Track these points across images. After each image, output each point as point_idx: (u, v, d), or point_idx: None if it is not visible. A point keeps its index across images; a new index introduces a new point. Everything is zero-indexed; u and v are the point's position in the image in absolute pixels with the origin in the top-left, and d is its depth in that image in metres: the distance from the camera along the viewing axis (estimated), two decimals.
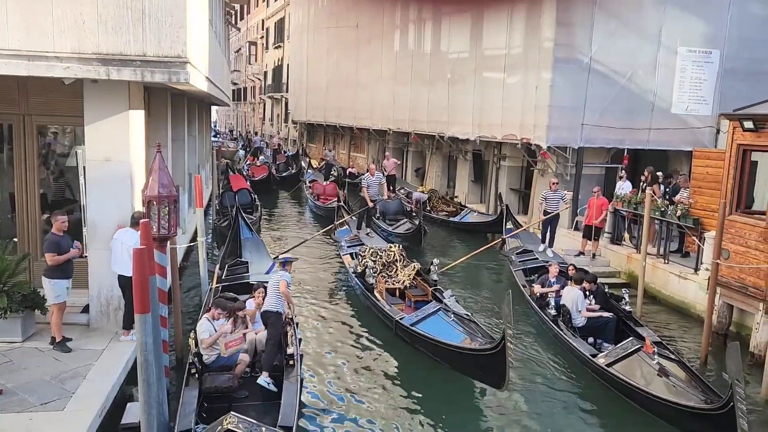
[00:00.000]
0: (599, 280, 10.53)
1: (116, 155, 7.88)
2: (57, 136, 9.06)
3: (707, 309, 9.36)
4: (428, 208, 18.96)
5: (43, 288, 7.49)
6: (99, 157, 7.87)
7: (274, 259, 10.52)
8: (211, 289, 9.74)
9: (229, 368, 7.05)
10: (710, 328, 9.35)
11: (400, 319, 9.16)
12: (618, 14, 15.35)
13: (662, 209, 12.05)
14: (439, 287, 10.36)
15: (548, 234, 13.51)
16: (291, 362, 7.15)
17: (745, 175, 9.59)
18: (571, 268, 10.49)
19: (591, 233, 13.37)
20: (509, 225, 14.97)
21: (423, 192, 20.50)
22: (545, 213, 13.54)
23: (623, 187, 13.84)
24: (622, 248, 13.37)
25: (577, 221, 15.22)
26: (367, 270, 10.79)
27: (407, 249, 12.47)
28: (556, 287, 10.23)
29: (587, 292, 9.42)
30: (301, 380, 7.06)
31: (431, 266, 10.87)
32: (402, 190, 21.21)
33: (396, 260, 11.51)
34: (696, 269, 11.30)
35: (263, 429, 5.65)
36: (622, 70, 15.52)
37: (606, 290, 9.94)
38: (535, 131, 15.85)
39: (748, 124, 9.18)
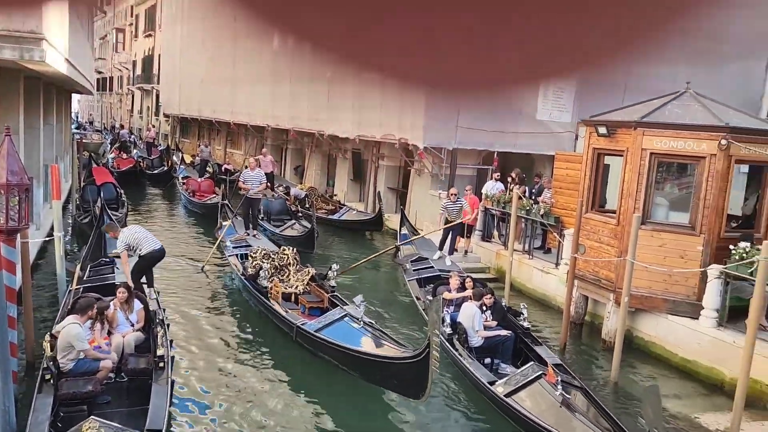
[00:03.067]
0: (472, 276, 10.92)
1: None
2: None
3: (566, 300, 10.08)
4: (307, 206, 18.80)
5: None
6: None
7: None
8: (70, 291, 8.98)
9: (92, 374, 6.54)
10: (569, 318, 10.08)
11: (302, 324, 8.63)
12: None
13: (527, 208, 12.83)
14: (337, 294, 9.90)
15: (448, 242, 13.14)
16: (161, 364, 6.78)
17: (599, 176, 10.44)
18: (468, 280, 9.88)
19: (463, 231, 13.93)
20: (404, 231, 14.25)
21: (302, 189, 20.33)
22: (446, 222, 13.16)
23: (495, 186, 14.56)
24: (492, 245, 14.07)
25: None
26: (261, 272, 10.22)
27: (299, 253, 11.69)
28: (468, 293, 9.34)
29: (484, 307, 8.73)
30: (172, 383, 6.71)
31: (329, 272, 10.30)
32: (280, 187, 20.89)
33: (289, 264, 10.92)
34: (557, 264, 12.13)
35: None
36: None
37: (504, 304, 9.24)
38: (413, 132, 16.27)
39: (602, 130, 10.00)
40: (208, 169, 25.55)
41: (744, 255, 8.41)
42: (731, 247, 8.71)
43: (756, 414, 7.57)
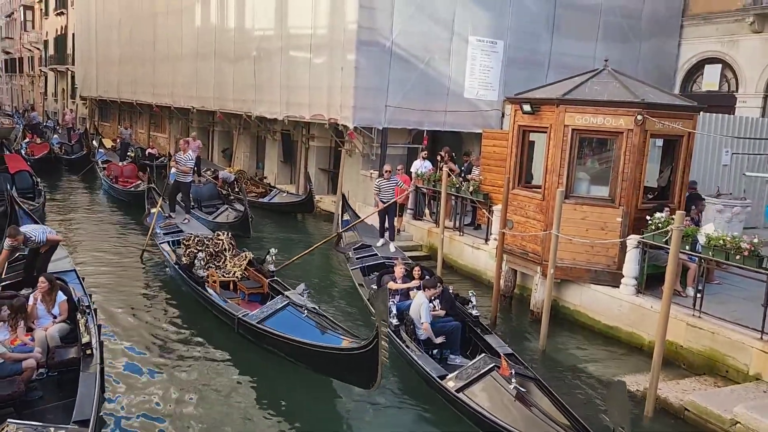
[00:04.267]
0: (405, 254, 10.97)
1: None
2: None
3: (495, 274, 10.37)
4: (236, 189, 18.42)
5: None
6: None
7: None
8: None
9: (17, 375, 6.23)
10: (498, 292, 10.38)
11: (243, 316, 8.32)
12: (416, 0, 16.13)
13: (457, 186, 13.05)
14: (277, 279, 9.68)
15: (386, 226, 12.71)
16: (89, 351, 6.54)
17: (524, 153, 10.72)
18: (417, 269, 9.64)
19: (401, 210, 14.03)
20: (346, 217, 13.68)
21: (230, 173, 19.89)
22: (382, 203, 12.69)
23: (424, 165, 14.70)
24: (423, 223, 14.25)
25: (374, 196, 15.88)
26: (196, 262, 9.78)
27: (235, 238, 11.42)
28: (415, 283, 9.19)
29: (433, 296, 8.34)
30: (102, 370, 6.48)
31: (267, 256, 10.11)
32: (208, 171, 20.35)
33: (225, 249, 10.58)
34: (486, 240, 12.43)
35: (51, 429, 5.13)
36: (421, 54, 16.38)
37: (451, 292, 8.90)
38: (342, 112, 16.15)
39: (527, 107, 10.25)
40: (129, 153, 24.59)
41: (659, 225, 8.89)
42: (648, 217, 9.19)
43: (672, 373, 8.09)
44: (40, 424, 5.24)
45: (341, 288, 11.63)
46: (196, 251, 10.25)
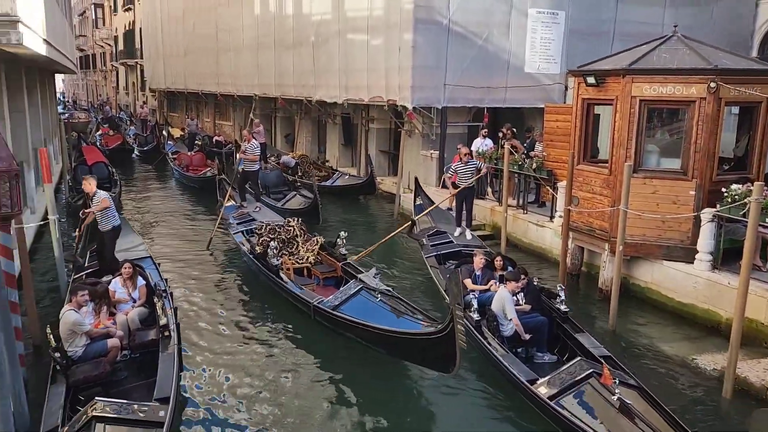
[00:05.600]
0: (484, 243, 10.27)
1: None
2: None
3: (561, 252, 10.17)
4: (299, 174, 18.73)
5: None
6: None
7: None
8: (74, 279, 9.02)
9: (102, 356, 6.64)
10: (565, 270, 10.19)
11: (318, 303, 8.30)
12: None
13: (520, 163, 12.82)
14: (350, 261, 9.65)
15: (464, 214, 11.83)
16: (166, 333, 6.88)
17: (589, 127, 10.40)
18: (498, 259, 9.05)
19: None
20: (419, 201, 12.98)
21: (293, 157, 20.24)
22: (455, 188, 11.84)
23: (485, 143, 14.51)
24: (486, 202, 14.09)
25: (444, 179, 15.80)
26: (269, 251, 9.79)
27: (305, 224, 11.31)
28: (493, 284, 8.39)
29: (517, 289, 7.70)
30: (179, 350, 6.80)
31: (338, 239, 10.07)
32: (272, 157, 20.77)
33: (296, 236, 10.56)
34: (551, 217, 12.19)
35: (135, 406, 5.45)
36: (479, 30, 16.10)
37: (537, 284, 8.28)
38: (401, 92, 16.11)
39: (591, 80, 9.93)
40: (197, 142, 25.39)
41: (736, 197, 8.47)
42: (723, 189, 8.76)
43: (752, 352, 7.72)
44: (125, 401, 5.58)
45: (414, 275, 11.13)
46: (268, 240, 10.32)
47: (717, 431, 6.43)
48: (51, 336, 6.46)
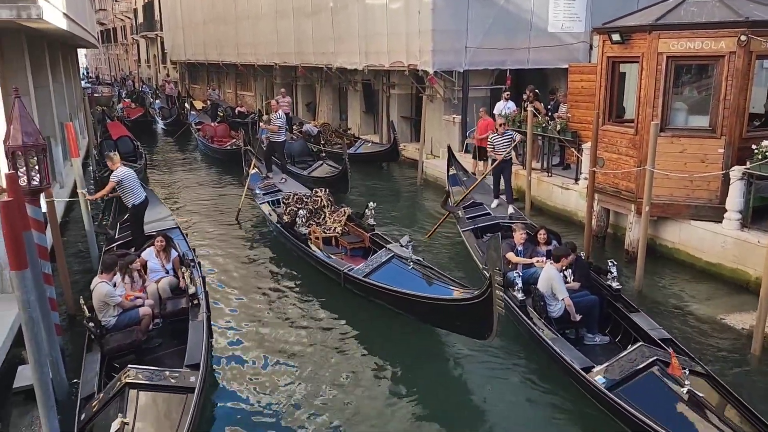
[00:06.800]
0: (524, 215, 9.78)
1: None
2: None
3: (587, 214, 10.07)
4: (322, 142, 18.72)
5: None
6: None
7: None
8: (106, 251, 9.23)
9: (135, 325, 6.83)
10: (590, 232, 10.09)
11: (349, 270, 8.29)
12: None
13: (543, 125, 12.63)
14: (378, 232, 9.60)
15: (502, 186, 11.25)
16: (195, 302, 7.04)
17: (615, 86, 10.17)
18: (541, 232, 8.33)
19: (479, 154, 13.81)
20: (452, 171, 12.38)
21: (315, 126, 20.21)
22: (494, 161, 11.24)
23: (507, 106, 14.30)
24: None
25: (467, 144, 15.68)
26: (297, 219, 9.83)
27: (332, 194, 11.24)
28: (540, 259, 7.83)
29: (564, 266, 7.15)
30: (208, 317, 6.97)
31: (366, 210, 10.00)
32: (295, 126, 20.75)
33: (324, 206, 10.58)
34: (576, 179, 12.04)
35: (166, 373, 5.61)
36: None
37: (586, 259, 7.79)
38: (421, 57, 15.91)
39: (616, 37, 9.66)
40: (219, 112, 25.50)
41: (767, 153, 8.26)
42: (753, 146, 8.54)
43: None
44: (157, 368, 5.75)
45: (452, 251, 10.64)
46: (296, 209, 10.39)
47: None
48: (85, 306, 6.65)
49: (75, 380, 6.33)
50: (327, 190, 11.20)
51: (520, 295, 7.15)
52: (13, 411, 5.89)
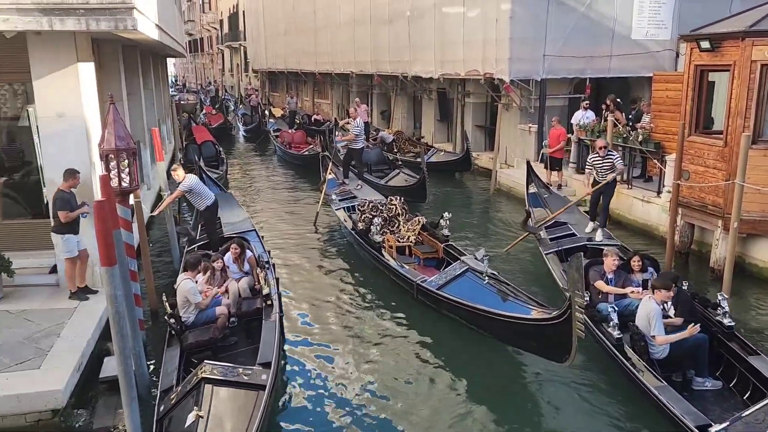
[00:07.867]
0: (618, 241, 9.02)
1: (69, 110, 7.62)
2: (6, 97, 8.69)
3: (669, 229, 9.64)
4: (395, 150, 18.82)
5: (54, 244, 7.52)
6: (51, 113, 7.61)
7: None
8: (187, 251, 9.61)
9: (212, 323, 7.10)
10: (673, 248, 9.65)
11: (422, 281, 8.15)
12: None
13: (624, 136, 12.20)
14: (452, 243, 9.43)
15: (598, 210, 10.23)
16: (269, 302, 7.24)
17: (703, 95, 9.71)
18: (635, 259, 7.33)
19: (552, 164, 13.51)
20: (532, 189, 11.38)
21: (389, 134, 20.34)
22: (594, 184, 10.21)
23: (585, 116, 13.92)
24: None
25: (543, 153, 15.36)
26: (373, 227, 9.74)
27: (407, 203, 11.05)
28: (636, 290, 7.01)
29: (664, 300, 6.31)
30: (281, 318, 7.11)
31: (441, 220, 9.80)
32: (371, 133, 20.93)
33: (398, 214, 10.51)
34: (658, 192, 11.56)
35: (239, 369, 5.79)
36: None
37: (690, 291, 6.82)
38: (498, 65, 15.75)
39: (705, 44, 9.23)
40: (296, 120, 26.15)
41: None
42: None
43: None
44: (231, 365, 5.95)
45: (533, 272, 10.00)
46: (371, 216, 10.40)
47: None
48: (167, 303, 6.97)
49: (154, 373, 6.64)
50: (402, 198, 11.13)
51: (616, 333, 6.28)
52: (99, 399, 6.23)
